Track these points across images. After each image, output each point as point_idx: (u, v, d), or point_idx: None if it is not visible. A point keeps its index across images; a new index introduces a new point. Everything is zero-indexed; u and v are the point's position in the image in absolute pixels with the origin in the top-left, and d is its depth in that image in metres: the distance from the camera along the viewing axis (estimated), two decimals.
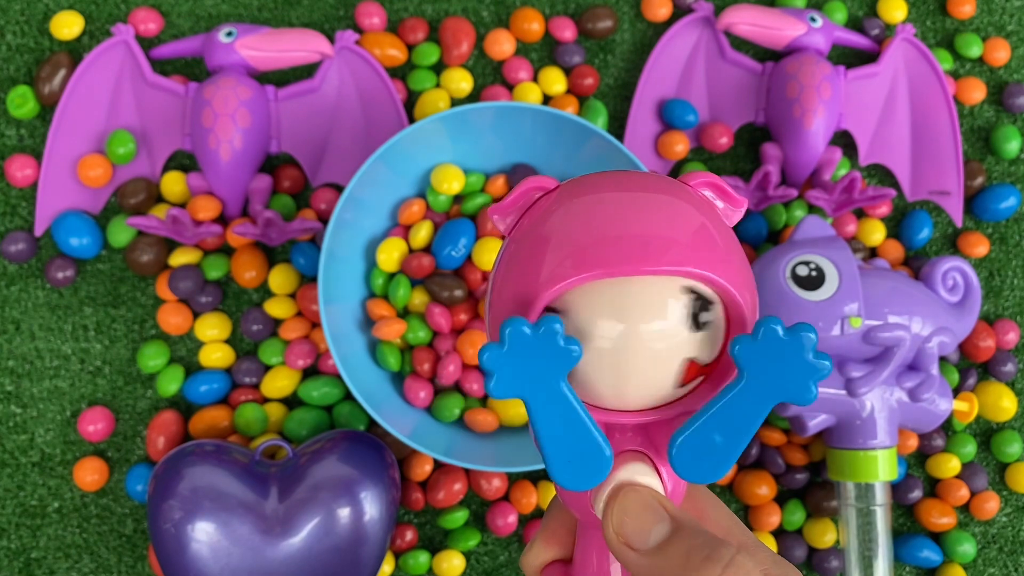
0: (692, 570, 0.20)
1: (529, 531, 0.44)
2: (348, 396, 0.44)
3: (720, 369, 0.21)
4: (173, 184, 0.44)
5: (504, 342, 0.19)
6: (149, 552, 0.43)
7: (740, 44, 0.48)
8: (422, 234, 0.43)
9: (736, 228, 0.47)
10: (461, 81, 0.46)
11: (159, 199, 0.45)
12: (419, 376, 0.42)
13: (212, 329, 0.44)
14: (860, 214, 0.47)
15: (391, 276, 0.43)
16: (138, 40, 0.46)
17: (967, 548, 0.45)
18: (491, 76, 0.48)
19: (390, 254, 0.42)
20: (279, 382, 0.44)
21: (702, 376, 0.21)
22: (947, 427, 0.46)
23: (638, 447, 0.22)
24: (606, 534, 0.21)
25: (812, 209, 0.47)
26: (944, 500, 0.45)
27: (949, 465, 0.45)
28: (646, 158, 0.47)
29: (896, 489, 0.45)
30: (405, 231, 0.43)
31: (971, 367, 0.46)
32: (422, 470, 0.44)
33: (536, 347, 0.19)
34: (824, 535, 0.44)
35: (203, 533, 0.37)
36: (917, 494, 0.45)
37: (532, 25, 0.47)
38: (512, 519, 0.44)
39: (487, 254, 0.42)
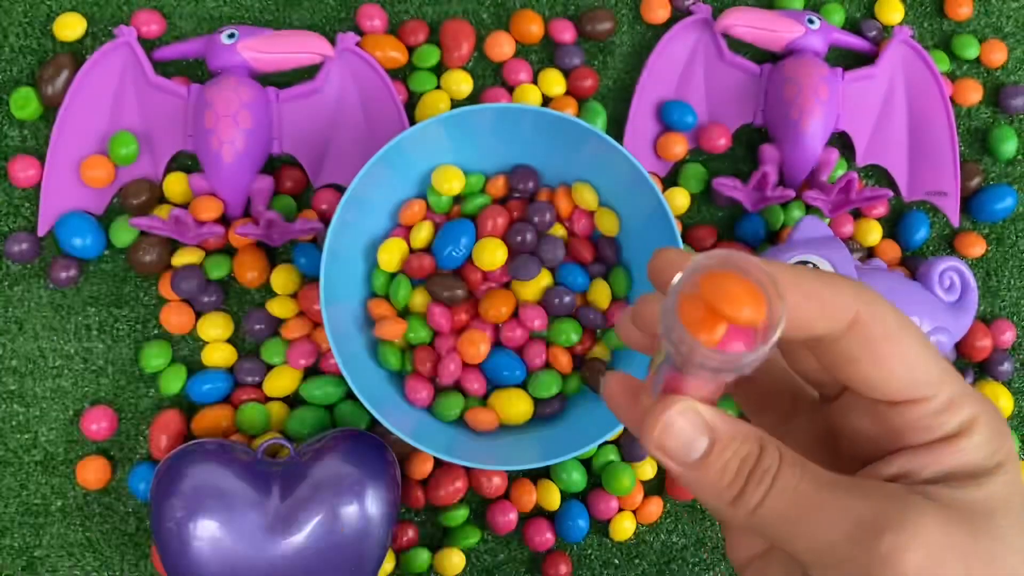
0: (729, 486, 0.20)
1: (528, 529, 0.44)
2: (349, 395, 0.44)
3: None
4: (175, 185, 0.45)
5: None
6: (152, 551, 0.43)
7: (738, 46, 0.48)
8: (423, 234, 0.43)
9: (735, 228, 0.47)
10: (461, 83, 0.47)
11: (161, 200, 0.45)
12: (420, 375, 0.43)
13: (214, 329, 0.44)
14: (857, 215, 0.48)
15: (392, 276, 0.43)
16: (140, 42, 0.46)
17: None
18: (491, 78, 0.48)
19: (391, 254, 0.43)
20: (281, 382, 0.44)
21: None
22: None
23: None
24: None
25: (810, 210, 0.47)
26: None
27: None
28: (645, 159, 0.47)
29: None
30: (406, 231, 0.44)
31: (968, 367, 0.47)
32: (422, 468, 0.44)
33: None
34: None
35: (205, 531, 0.37)
36: None
37: (532, 27, 0.47)
38: (512, 517, 0.44)
39: (487, 254, 0.42)
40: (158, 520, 0.38)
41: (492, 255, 0.42)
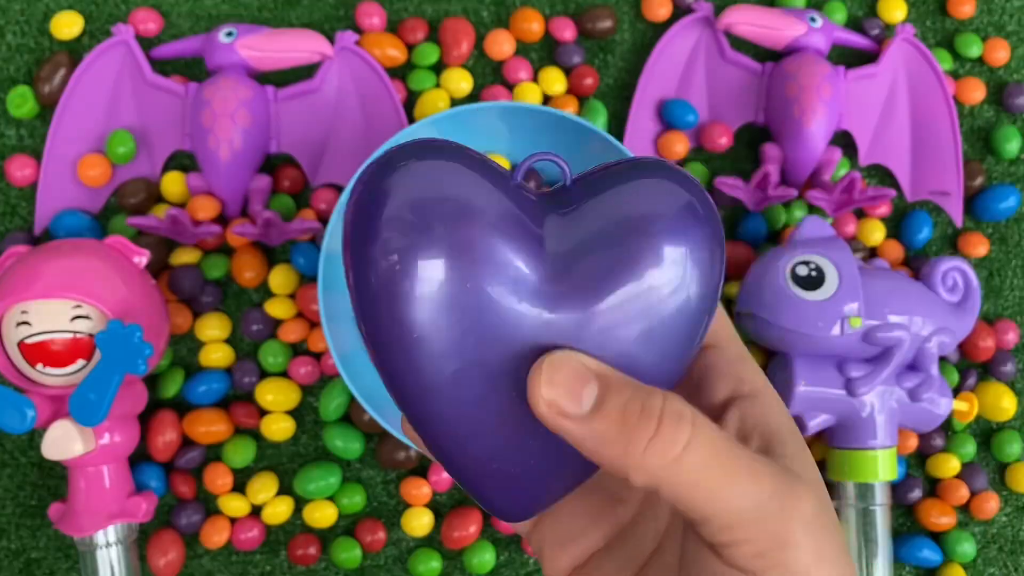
0: (630, 428, 0.20)
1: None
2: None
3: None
4: (173, 184, 0.44)
5: None
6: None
7: (740, 44, 0.48)
8: None
9: (737, 228, 0.47)
10: (461, 81, 0.46)
11: (159, 199, 0.45)
12: None
13: (212, 329, 0.44)
14: (860, 214, 0.47)
15: None
16: (138, 40, 0.46)
17: (967, 548, 0.45)
18: (491, 76, 0.48)
19: None
20: (278, 394, 0.44)
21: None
22: (947, 427, 0.46)
23: None
24: (538, 409, 0.20)
25: (812, 209, 0.47)
26: (944, 500, 0.45)
27: (949, 465, 0.45)
28: None
29: (896, 489, 0.45)
30: None
31: (971, 367, 0.46)
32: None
33: None
34: None
35: (438, 273, 0.21)
36: (917, 494, 0.45)
37: (532, 25, 0.47)
38: None
39: None
40: (361, 255, 0.21)
41: None
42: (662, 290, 0.21)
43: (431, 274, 0.20)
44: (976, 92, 0.48)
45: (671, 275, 0.21)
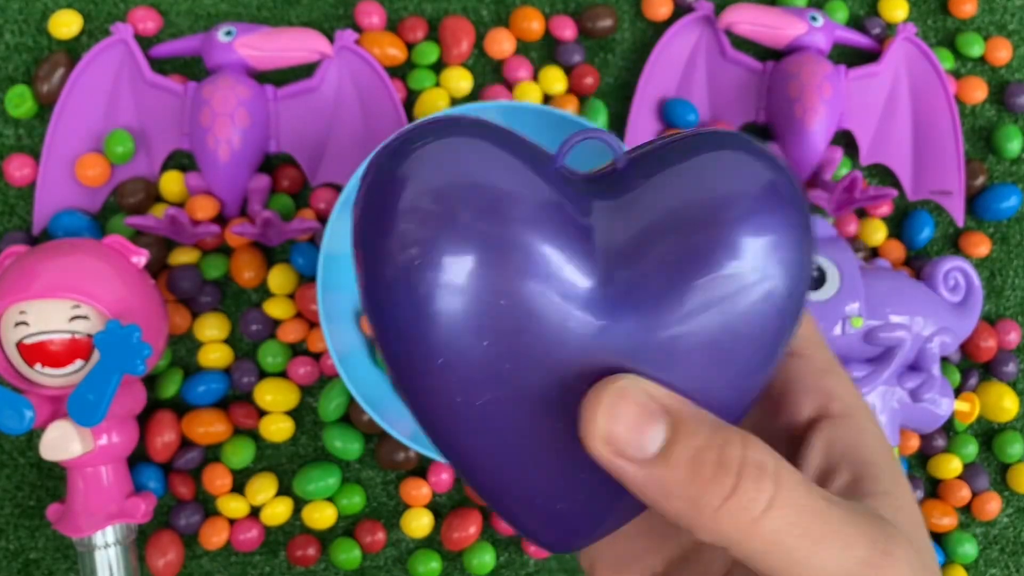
0: (702, 482, 0.16)
1: None
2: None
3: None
4: (171, 183, 0.44)
5: None
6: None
7: (741, 43, 0.48)
8: None
9: None
10: (461, 80, 0.46)
11: (157, 199, 0.45)
12: None
13: (211, 329, 0.44)
14: (861, 214, 0.47)
15: None
16: (137, 39, 0.46)
17: (968, 549, 0.45)
18: (491, 75, 0.48)
19: None
20: (277, 394, 0.44)
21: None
22: (948, 428, 0.46)
23: None
24: (591, 445, 0.17)
25: (813, 209, 0.47)
26: (945, 501, 0.45)
27: (950, 466, 0.45)
28: None
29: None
30: None
31: (973, 367, 0.46)
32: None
33: None
34: None
35: (466, 278, 0.17)
36: (918, 495, 0.45)
37: (532, 24, 0.47)
38: None
39: None
40: (374, 249, 0.18)
41: None
42: (741, 290, 0.17)
43: (457, 277, 0.17)
44: (978, 91, 0.48)
45: (751, 271, 0.17)
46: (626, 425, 0.17)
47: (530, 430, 0.18)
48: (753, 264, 0.17)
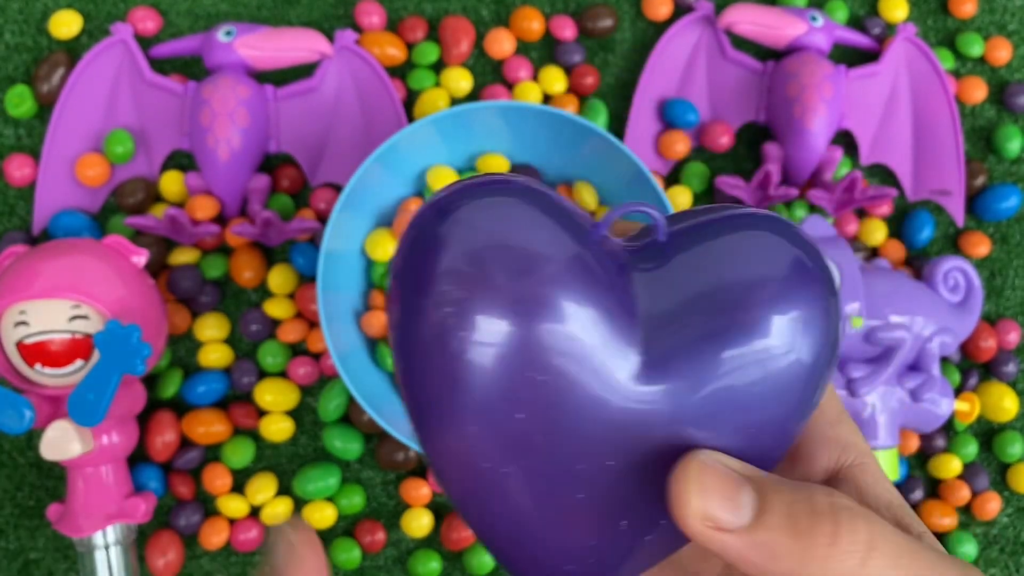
0: (804, 535, 0.16)
1: None
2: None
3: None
4: (171, 183, 0.44)
5: None
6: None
7: (741, 43, 0.48)
8: None
9: None
10: (461, 80, 0.46)
11: (157, 198, 0.45)
12: None
13: (211, 329, 0.44)
14: (861, 214, 0.47)
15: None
16: (137, 39, 0.46)
17: (968, 549, 0.45)
18: (491, 75, 0.48)
19: (384, 247, 0.42)
20: (277, 394, 0.44)
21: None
22: (948, 428, 0.46)
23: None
24: (689, 525, 0.17)
25: (813, 209, 0.46)
26: (945, 501, 0.45)
27: (950, 466, 0.45)
28: (646, 157, 0.47)
29: (897, 490, 0.45)
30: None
31: (972, 367, 0.46)
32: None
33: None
34: None
35: (503, 348, 0.17)
36: (918, 495, 0.45)
37: (532, 24, 0.47)
38: None
39: None
40: (412, 309, 0.18)
41: None
42: (769, 359, 0.18)
43: (494, 345, 0.17)
44: (978, 91, 0.48)
45: (779, 345, 0.18)
46: (719, 498, 0.17)
47: (554, 497, 0.19)
48: (780, 340, 0.18)
